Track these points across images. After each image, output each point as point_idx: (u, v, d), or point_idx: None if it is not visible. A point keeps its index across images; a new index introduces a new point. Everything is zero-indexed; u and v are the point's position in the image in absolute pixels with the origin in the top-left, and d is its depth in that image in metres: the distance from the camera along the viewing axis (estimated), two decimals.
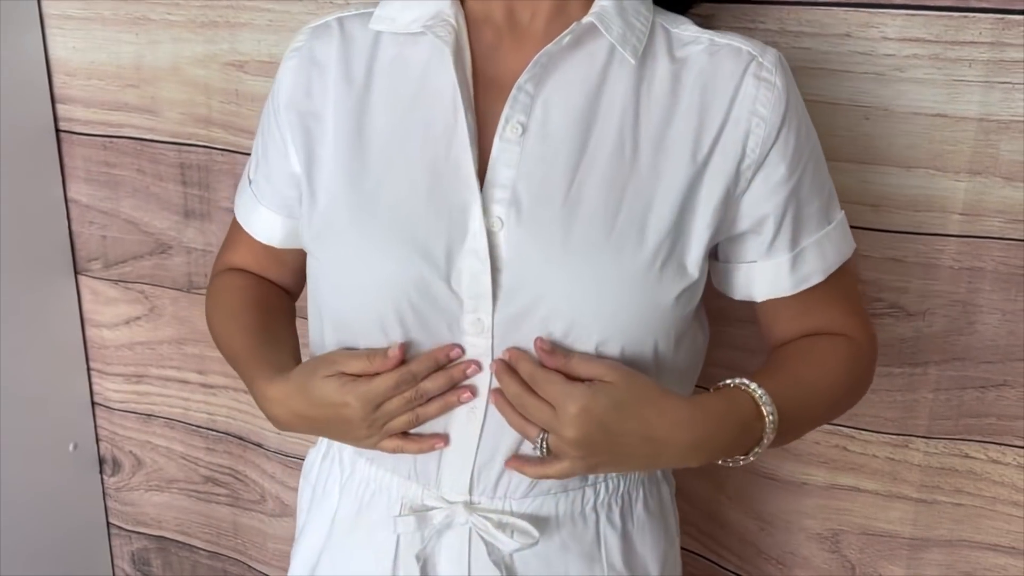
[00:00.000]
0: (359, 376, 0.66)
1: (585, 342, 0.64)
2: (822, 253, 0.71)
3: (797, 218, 0.69)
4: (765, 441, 0.66)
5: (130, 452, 1.38)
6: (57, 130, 1.23)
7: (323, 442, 0.81)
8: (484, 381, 0.66)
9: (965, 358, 0.89)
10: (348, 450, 0.76)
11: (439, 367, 0.66)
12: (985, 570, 0.95)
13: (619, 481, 0.73)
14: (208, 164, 1.17)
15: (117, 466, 1.40)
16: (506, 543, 0.68)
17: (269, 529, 1.32)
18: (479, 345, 0.65)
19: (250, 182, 0.80)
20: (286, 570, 1.33)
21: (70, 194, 1.27)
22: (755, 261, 0.71)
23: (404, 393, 0.66)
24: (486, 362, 0.66)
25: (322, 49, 0.71)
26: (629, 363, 0.65)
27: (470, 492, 0.69)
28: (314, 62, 0.71)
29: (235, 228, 0.84)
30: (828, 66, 0.84)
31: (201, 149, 1.17)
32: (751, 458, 0.67)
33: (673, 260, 0.65)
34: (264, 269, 0.83)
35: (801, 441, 0.96)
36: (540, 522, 0.70)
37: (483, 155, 0.66)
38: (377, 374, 0.65)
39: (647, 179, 0.65)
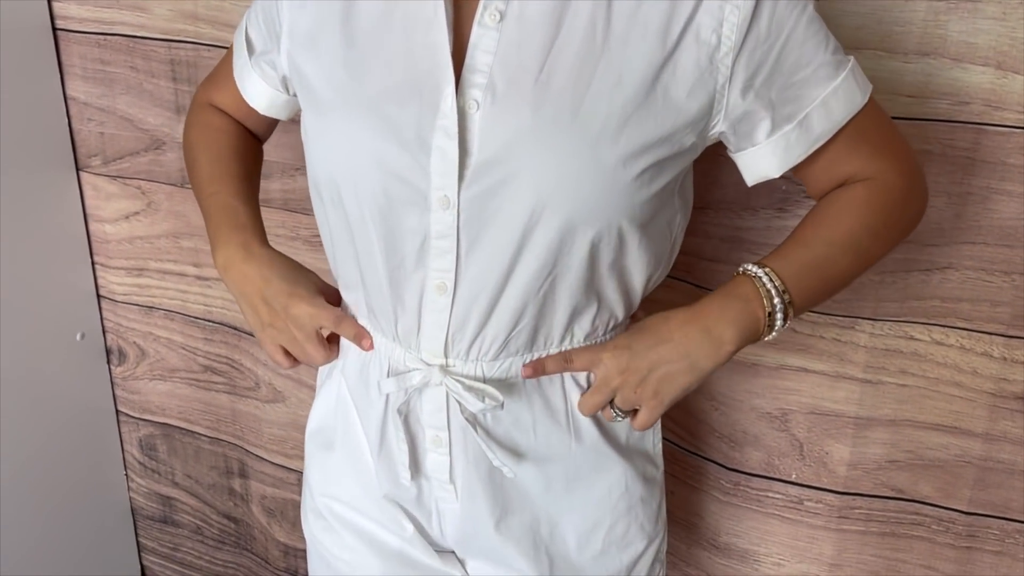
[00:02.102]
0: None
1: (550, 224, 0.67)
2: (828, 113, 0.70)
3: (794, 89, 0.69)
4: (778, 315, 0.72)
5: (134, 343, 1.46)
6: (54, 28, 1.27)
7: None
8: (451, 254, 0.70)
9: (911, 241, 0.92)
10: (349, 313, 0.82)
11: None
12: (927, 448, 0.99)
13: (585, 346, 0.77)
14: (196, 60, 1.21)
15: (123, 356, 1.48)
16: (473, 404, 0.74)
17: (264, 415, 1.39)
18: (445, 221, 0.69)
19: (249, 47, 0.84)
20: (281, 454, 1.41)
21: (69, 92, 1.31)
22: (759, 143, 0.71)
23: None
24: (453, 238, 0.70)
25: None
26: (595, 246, 0.69)
27: (445, 356, 0.75)
28: None
29: (226, 68, 0.89)
30: None
31: (189, 45, 1.20)
32: (776, 333, 0.73)
33: (646, 156, 0.67)
34: (244, 117, 0.90)
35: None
36: (508, 383, 0.76)
37: (463, 41, 0.68)
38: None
39: (616, 59, 0.66)
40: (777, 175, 0.73)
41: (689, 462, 1.11)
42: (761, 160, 0.72)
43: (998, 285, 0.91)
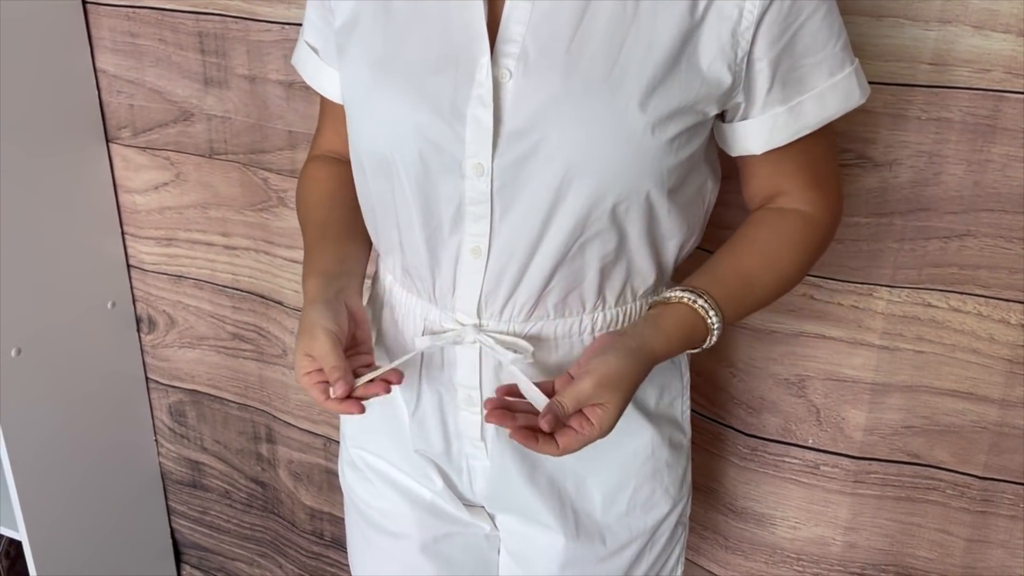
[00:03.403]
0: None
1: (580, 190, 0.70)
2: (822, 105, 0.73)
3: (798, 72, 0.71)
4: (709, 342, 0.77)
5: (164, 311, 1.49)
6: (84, 2, 1.30)
7: (376, 267, 0.89)
8: (485, 220, 0.73)
9: (930, 208, 0.93)
10: (387, 276, 0.85)
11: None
12: (943, 414, 1.00)
13: (617, 312, 0.79)
14: (223, 32, 1.23)
15: (152, 324, 1.52)
16: (505, 356, 0.76)
17: (290, 381, 1.43)
18: (479, 188, 0.72)
19: (314, 51, 0.86)
20: (307, 419, 1.44)
21: (98, 64, 1.34)
22: (751, 118, 0.73)
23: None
24: (487, 204, 0.72)
25: None
26: (624, 211, 0.71)
27: (479, 316, 0.78)
28: None
29: (320, 107, 0.93)
30: None
31: (216, 17, 1.22)
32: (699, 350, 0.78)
33: (675, 122, 0.69)
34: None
35: None
36: (539, 342, 0.79)
37: (496, 14, 0.70)
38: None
39: (646, 28, 0.68)
40: (759, 152, 0.75)
41: (708, 428, 1.13)
42: (749, 135, 0.74)
43: (1016, 252, 0.91)
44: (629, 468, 0.85)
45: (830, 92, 0.73)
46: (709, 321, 0.75)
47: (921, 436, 1.01)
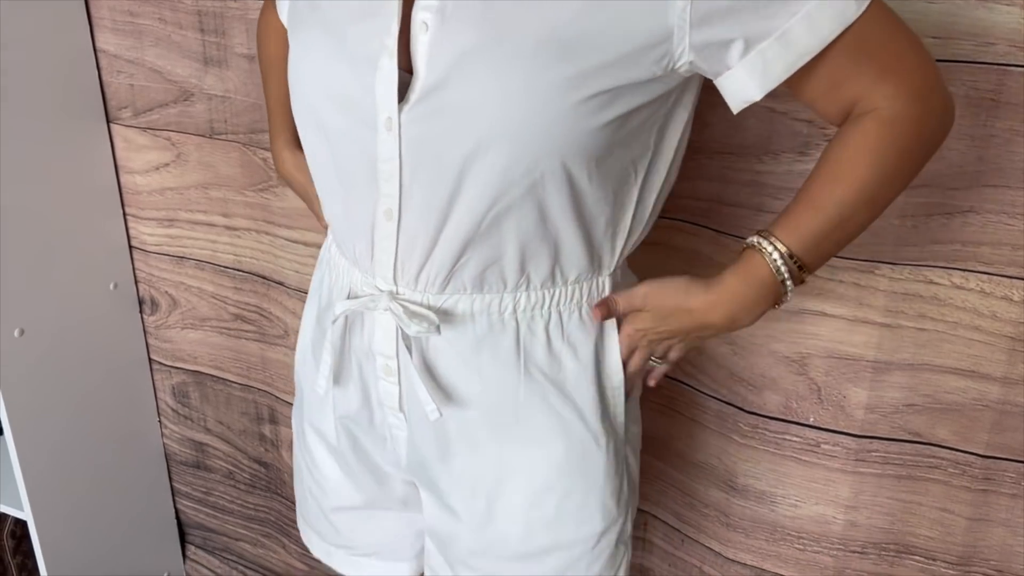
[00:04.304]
0: None
1: (491, 152, 0.66)
2: (812, 26, 0.64)
3: (769, 5, 0.63)
4: (791, 291, 0.75)
5: (166, 292, 1.50)
6: None
7: (327, 240, 0.91)
8: (395, 179, 0.70)
9: (933, 184, 0.92)
10: (329, 237, 0.88)
11: None
12: (945, 392, 0.99)
13: (543, 295, 0.76)
14: (223, 11, 1.22)
15: (155, 305, 1.52)
16: (409, 326, 0.75)
17: (292, 362, 1.42)
18: (389, 144, 0.69)
19: None
20: None
21: (98, 44, 1.34)
22: (733, 67, 0.66)
23: None
24: (396, 162, 0.69)
25: None
26: (539, 179, 0.67)
27: (395, 283, 0.77)
28: None
29: None
30: None
31: None
32: (787, 300, 0.76)
33: (593, 81, 0.64)
34: None
35: None
36: (455, 317, 0.76)
37: None
38: None
39: None
40: (759, 97, 0.68)
41: (708, 405, 1.13)
42: (739, 83, 0.67)
43: (1019, 228, 0.91)
44: (559, 469, 0.80)
45: (818, 11, 0.64)
46: (770, 257, 0.72)
47: (923, 414, 1.01)
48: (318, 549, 1.01)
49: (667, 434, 1.19)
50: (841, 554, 1.10)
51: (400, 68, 0.68)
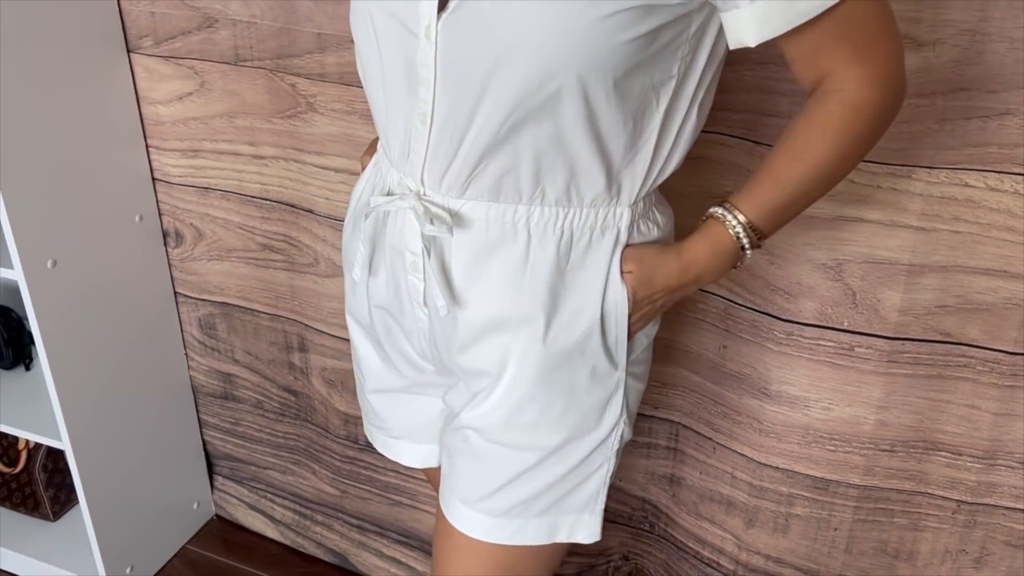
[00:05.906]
0: None
1: (515, 64, 0.70)
2: None
3: None
4: (747, 257, 0.83)
5: (191, 224, 1.50)
6: None
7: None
8: (430, 85, 0.75)
9: (971, 88, 0.94)
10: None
11: None
12: (976, 293, 1.03)
13: (557, 212, 0.80)
14: None
15: (180, 238, 1.52)
16: (425, 226, 0.80)
17: (323, 289, 1.44)
18: (427, 51, 0.74)
19: None
20: (340, 326, 1.46)
21: None
22: (742, 7, 0.70)
23: None
24: (431, 69, 0.74)
25: None
26: (557, 92, 0.70)
27: (423, 184, 0.82)
28: None
29: None
30: None
31: None
32: (744, 263, 0.85)
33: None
34: None
35: None
36: (471, 221, 0.81)
37: None
38: None
39: None
40: (753, 44, 0.71)
41: (743, 316, 1.16)
42: (741, 25, 0.71)
43: None
44: (542, 379, 0.84)
45: None
46: (732, 227, 0.81)
47: (954, 315, 1.05)
48: (366, 428, 1.09)
49: (700, 346, 1.23)
50: (871, 452, 1.15)
51: None
